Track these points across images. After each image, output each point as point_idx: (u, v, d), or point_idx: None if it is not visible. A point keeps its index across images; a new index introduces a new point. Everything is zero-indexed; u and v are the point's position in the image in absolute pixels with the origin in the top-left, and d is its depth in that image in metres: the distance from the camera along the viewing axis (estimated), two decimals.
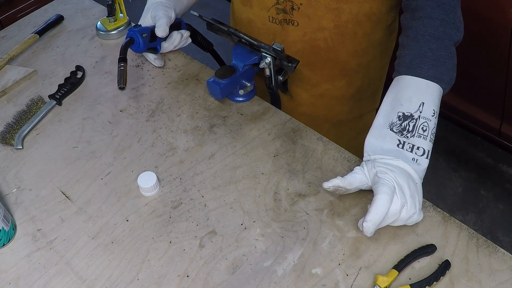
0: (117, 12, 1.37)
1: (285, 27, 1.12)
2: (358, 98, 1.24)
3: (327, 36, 1.10)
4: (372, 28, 1.10)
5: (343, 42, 1.11)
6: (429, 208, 0.90)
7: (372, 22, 1.09)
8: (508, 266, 0.81)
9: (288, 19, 1.10)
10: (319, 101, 1.23)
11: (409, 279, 0.81)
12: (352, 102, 1.24)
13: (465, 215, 2.03)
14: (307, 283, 0.81)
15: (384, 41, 1.15)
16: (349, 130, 1.30)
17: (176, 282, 0.83)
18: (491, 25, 1.63)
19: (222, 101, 1.15)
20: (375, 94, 1.28)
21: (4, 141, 1.10)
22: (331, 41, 1.10)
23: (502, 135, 1.93)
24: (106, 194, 0.97)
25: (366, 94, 1.25)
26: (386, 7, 1.07)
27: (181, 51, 1.30)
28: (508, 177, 2.15)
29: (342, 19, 1.06)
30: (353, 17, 1.06)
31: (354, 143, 1.27)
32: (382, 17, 1.09)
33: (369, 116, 1.31)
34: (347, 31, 1.09)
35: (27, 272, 0.85)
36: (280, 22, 1.11)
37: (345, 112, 1.26)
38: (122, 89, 1.00)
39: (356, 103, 1.25)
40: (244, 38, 1.09)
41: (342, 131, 1.29)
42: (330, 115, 1.26)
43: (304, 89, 1.22)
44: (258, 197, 0.94)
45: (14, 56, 1.31)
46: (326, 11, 1.05)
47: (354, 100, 1.24)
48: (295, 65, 1.06)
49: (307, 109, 1.25)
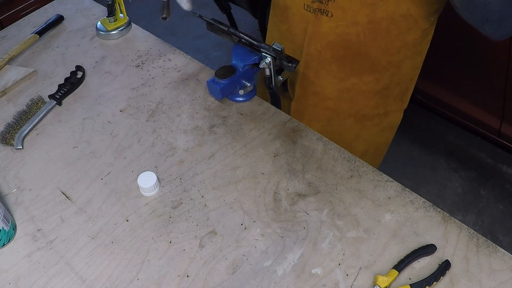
0: (117, 12, 1.37)
1: (319, 17, 1.10)
2: (384, 95, 1.22)
3: (359, 31, 1.08)
4: (408, 28, 1.08)
5: (375, 38, 1.09)
6: (429, 208, 0.90)
7: (408, 23, 1.07)
8: (508, 266, 0.81)
9: (322, 9, 1.08)
10: (345, 94, 1.20)
11: (409, 279, 0.81)
12: (378, 98, 1.22)
13: (465, 215, 2.03)
14: (307, 283, 0.81)
15: (418, 42, 1.13)
16: (372, 125, 1.27)
17: (176, 282, 0.83)
18: None
19: (222, 101, 1.15)
20: (403, 94, 1.26)
21: (4, 141, 1.10)
22: (364, 36, 1.09)
23: (502, 135, 1.93)
24: (106, 194, 0.97)
25: (394, 92, 1.22)
26: (425, 11, 1.05)
27: (181, 51, 1.30)
28: (508, 177, 2.14)
29: (377, 15, 1.05)
30: (388, 15, 1.04)
31: (378, 138, 1.26)
32: (419, 20, 1.06)
33: (395, 115, 1.28)
34: (381, 28, 1.07)
35: (27, 272, 0.85)
36: (314, 11, 1.10)
37: (370, 107, 1.23)
38: (164, 19, 1.03)
39: (382, 99, 1.22)
40: (244, 38, 1.09)
41: (365, 126, 1.26)
42: (354, 109, 1.23)
43: (332, 83, 1.19)
44: (258, 197, 0.94)
45: (14, 56, 1.31)
46: (361, 5, 1.04)
47: (381, 96, 1.21)
48: (295, 65, 1.05)
49: (332, 103, 1.23)
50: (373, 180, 0.96)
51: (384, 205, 0.91)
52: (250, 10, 2.43)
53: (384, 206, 0.91)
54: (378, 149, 1.31)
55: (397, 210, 0.90)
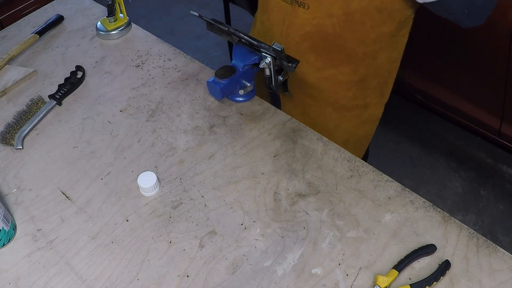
0: (117, 12, 1.37)
1: (296, 9, 1.12)
2: (362, 86, 1.24)
3: (335, 23, 1.10)
4: (382, 21, 1.10)
5: (351, 30, 1.11)
6: (429, 208, 0.90)
7: (382, 15, 1.08)
8: (508, 266, 0.81)
9: (299, 2, 1.11)
10: (324, 84, 1.23)
11: (409, 279, 0.81)
12: (356, 89, 1.24)
13: (465, 215, 2.03)
14: (307, 283, 0.81)
15: (394, 35, 1.15)
16: (352, 116, 1.29)
17: (176, 282, 0.83)
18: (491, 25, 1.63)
19: (222, 101, 1.15)
20: (383, 87, 1.28)
21: (4, 141, 1.10)
22: (339, 27, 1.11)
23: (502, 135, 1.92)
24: (106, 194, 0.97)
25: (372, 85, 1.25)
26: (399, 4, 1.08)
27: (181, 51, 1.30)
28: (508, 177, 2.14)
29: (351, 7, 1.07)
30: (362, 7, 1.06)
31: (358, 130, 1.28)
32: (394, 12, 1.09)
33: (376, 108, 1.30)
34: (355, 19, 1.09)
35: (27, 272, 0.85)
36: (291, 2, 1.12)
37: (348, 97, 1.25)
38: None
39: (360, 91, 1.25)
40: (244, 38, 1.09)
41: (345, 116, 1.29)
42: (333, 98, 1.26)
43: (310, 72, 1.22)
44: (258, 197, 0.94)
45: (14, 56, 1.31)
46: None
47: (358, 87, 1.24)
48: (295, 65, 1.06)
49: (312, 91, 1.25)
50: (373, 180, 0.96)
51: (384, 205, 0.91)
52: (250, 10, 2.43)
53: (384, 206, 0.91)
54: (359, 141, 1.34)
55: (397, 210, 0.90)
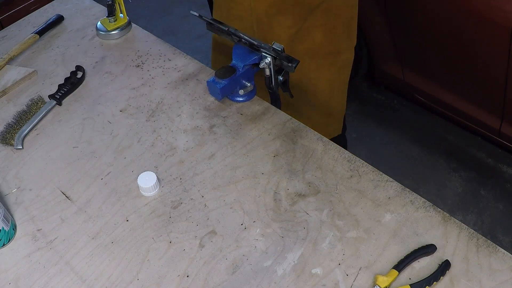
0: (117, 12, 1.37)
1: None
2: (328, 33, 1.32)
3: None
4: None
5: None
6: (429, 208, 0.90)
7: None
8: (508, 266, 0.81)
9: None
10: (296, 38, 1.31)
11: (409, 279, 0.81)
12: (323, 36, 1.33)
13: (465, 215, 2.03)
14: (307, 283, 0.81)
15: None
16: (329, 64, 1.38)
17: (176, 282, 0.83)
18: (491, 25, 1.63)
19: (222, 101, 1.15)
20: (349, 32, 1.37)
21: (4, 141, 1.10)
22: None
23: (502, 135, 1.92)
24: (106, 194, 0.97)
25: (337, 31, 1.34)
26: None
27: (181, 51, 1.30)
28: (508, 177, 2.14)
29: None
30: None
31: (337, 77, 1.42)
32: None
33: (347, 53, 1.40)
34: None
35: (27, 272, 0.85)
36: None
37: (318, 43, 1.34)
38: None
39: (327, 37, 1.33)
40: (244, 38, 1.09)
41: (322, 65, 1.37)
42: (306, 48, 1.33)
43: (283, 31, 1.30)
44: (258, 197, 0.94)
45: (14, 56, 1.31)
46: None
47: (324, 34, 1.32)
48: (295, 65, 1.06)
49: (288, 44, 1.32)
50: (373, 180, 0.96)
51: (384, 205, 0.91)
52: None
53: (384, 206, 0.91)
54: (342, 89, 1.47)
55: (397, 210, 0.90)
